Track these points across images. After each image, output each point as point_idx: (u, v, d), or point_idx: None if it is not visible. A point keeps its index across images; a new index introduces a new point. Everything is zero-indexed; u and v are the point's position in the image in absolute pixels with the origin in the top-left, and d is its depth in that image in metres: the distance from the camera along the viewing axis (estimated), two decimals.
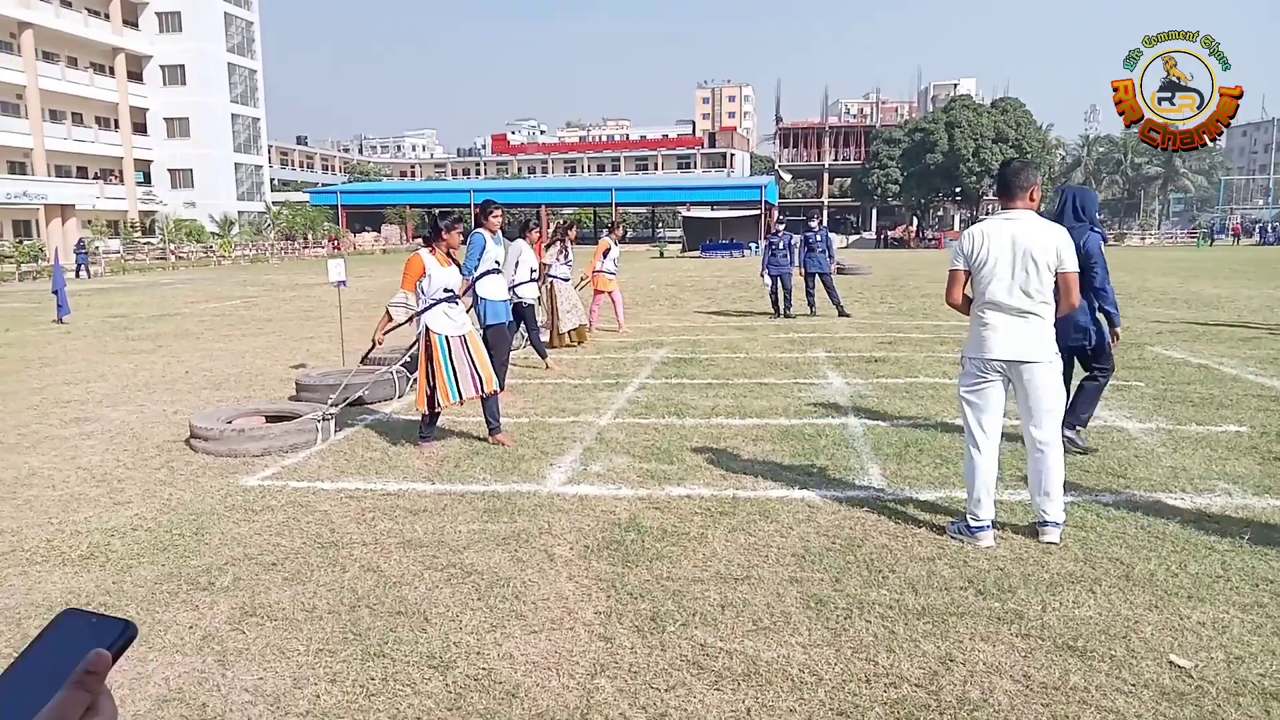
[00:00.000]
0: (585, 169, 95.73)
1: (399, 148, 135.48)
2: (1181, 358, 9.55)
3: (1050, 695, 2.82)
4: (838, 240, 28.70)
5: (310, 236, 55.86)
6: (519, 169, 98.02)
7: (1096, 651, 3.09)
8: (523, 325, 9.08)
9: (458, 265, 6.17)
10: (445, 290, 5.91)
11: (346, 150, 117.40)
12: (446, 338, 5.87)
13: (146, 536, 4.42)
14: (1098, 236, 5.61)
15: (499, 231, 7.43)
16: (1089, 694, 2.82)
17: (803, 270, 14.73)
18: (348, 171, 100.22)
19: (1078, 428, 5.67)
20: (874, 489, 5.01)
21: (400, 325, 6.32)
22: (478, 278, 7.04)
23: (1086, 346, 5.62)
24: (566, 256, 11.07)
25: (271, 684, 2.98)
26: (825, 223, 24.40)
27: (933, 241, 60.41)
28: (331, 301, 13.70)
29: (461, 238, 6.16)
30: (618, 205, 62.88)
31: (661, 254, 49.19)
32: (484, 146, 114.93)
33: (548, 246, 11.10)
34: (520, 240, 8.80)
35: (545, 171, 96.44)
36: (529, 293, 8.89)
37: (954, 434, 6.21)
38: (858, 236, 67.77)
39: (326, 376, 7.79)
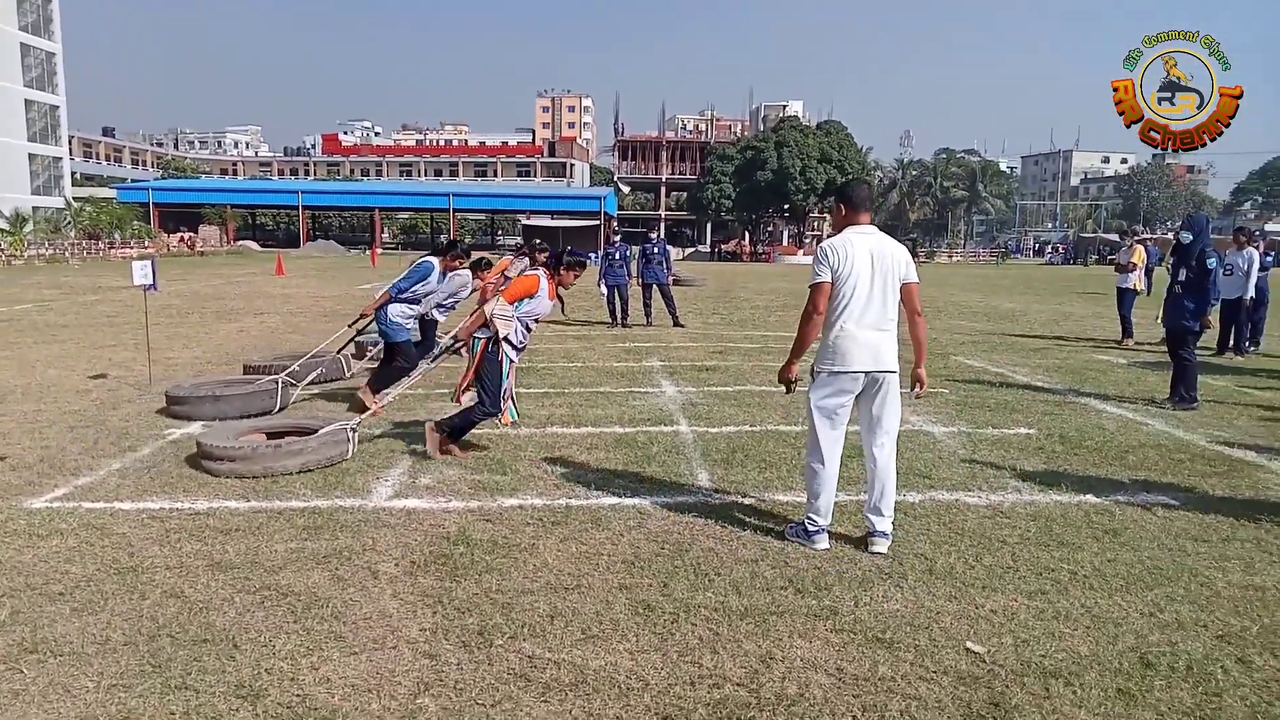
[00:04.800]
0: (422, 173, 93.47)
1: (220, 144, 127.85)
2: (981, 366, 10.38)
3: (861, 686, 2.98)
4: (674, 253, 29.34)
5: (119, 236, 51.52)
6: (351, 170, 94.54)
7: (903, 642, 3.29)
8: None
9: (562, 302, 6.09)
10: (534, 319, 5.87)
11: (160, 144, 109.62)
12: (511, 361, 5.79)
13: None
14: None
15: (448, 271, 7.60)
16: (895, 683, 3.00)
17: (640, 281, 15.02)
18: (161, 167, 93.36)
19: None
20: (703, 494, 5.14)
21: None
22: (399, 298, 7.25)
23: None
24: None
25: None
26: (663, 235, 24.89)
27: (763, 256, 62.94)
28: (138, 307, 12.61)
29: (575, 279, 5.95)
30: (456, 211, 61.74)
31: None
32: (314, 146, 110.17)
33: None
34: (466, 273, 8.33)
35: (379, 174, 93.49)
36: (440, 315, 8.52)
37: (777, 440, 6.48)
38: (693, 249, 69.51)
39: (200, 387, 7.27)
